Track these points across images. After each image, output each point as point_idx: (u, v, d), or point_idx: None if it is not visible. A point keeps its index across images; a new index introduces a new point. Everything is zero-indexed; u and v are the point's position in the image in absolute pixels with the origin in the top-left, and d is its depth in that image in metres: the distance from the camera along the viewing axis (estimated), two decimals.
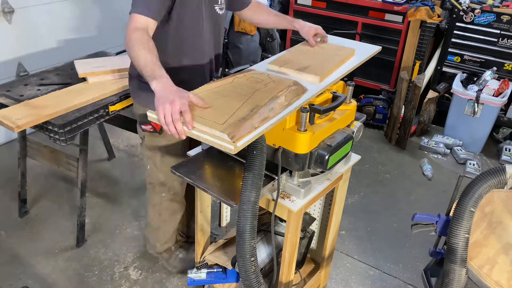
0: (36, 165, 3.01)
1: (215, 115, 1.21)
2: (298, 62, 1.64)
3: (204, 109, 1.25)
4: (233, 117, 1.20)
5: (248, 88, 1.40)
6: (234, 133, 1.14)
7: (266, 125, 1.23)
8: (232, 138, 1.13)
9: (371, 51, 1.91)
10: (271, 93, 1.36)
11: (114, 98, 2.26)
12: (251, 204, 1.33)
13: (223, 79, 1.48)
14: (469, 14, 3.56)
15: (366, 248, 2.61)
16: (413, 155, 3.62)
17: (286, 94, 1.37)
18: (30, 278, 2.28)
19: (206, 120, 1.19)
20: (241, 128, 1.16)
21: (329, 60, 1.69)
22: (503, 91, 3.46)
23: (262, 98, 1.31)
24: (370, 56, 1.90)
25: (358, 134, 1.69)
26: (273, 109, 1.29)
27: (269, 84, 1.44)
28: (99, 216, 2.73)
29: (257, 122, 1.22)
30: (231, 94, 1.35)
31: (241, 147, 1.14)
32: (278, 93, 1.36)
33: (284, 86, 1.41)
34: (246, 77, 1.49)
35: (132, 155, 3.40)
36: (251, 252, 1.39)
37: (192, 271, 1.86)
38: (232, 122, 1.17)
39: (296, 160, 1.46)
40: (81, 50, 3.39)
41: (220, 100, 1.31)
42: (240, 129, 1.15)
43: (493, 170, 1.35)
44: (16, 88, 2.28)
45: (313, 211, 2.13)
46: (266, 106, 1.28)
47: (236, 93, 1.36)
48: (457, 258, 1.36)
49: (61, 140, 2.05)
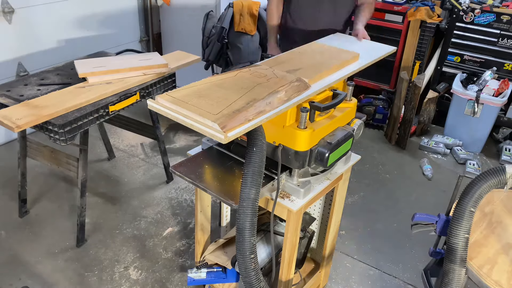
0: (36, 165, 3.01)
1: (212, 106, 1.25)
2: (292, 64, 1.63)
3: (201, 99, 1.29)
4: (228, 108, 1.23)
5: (249, 82, 1.42)
6: (225, 123, 1.17)
7: (260, 118, 1.25)
8: (223, 128, 1.16)
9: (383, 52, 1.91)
10: (272, 87, 1.37)
11: (114, 98, 2.26)
12: (251, 201, 1.32)
13: (228, 72, 1.50)
14: (469, 14, 3.56)
15: (366, 248, 2.61)
16: (413, 155, 3.62)
17: (287, 89, 1.37)
18: (30, 278, 2.28)
19: (200, 110, 1.22)
20: (234, 120, 1.19)
21: (324, 64, 1.66)
22: (503, 91, 3.46)
23: (261, 92, 1.34)
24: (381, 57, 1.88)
25: (359, 132, 1.69)
26: (270, 103, 1.30)
27: (271, 79, 1.45)
28: (99, 216, 2.74)
29: (251, 115, 1.24)
30: (232, 87, 1.38)
31: (231, 137, 1.17)
32: (278, 88, 1.37)
33: (287, 81, 1.42)
34: (250, 72, 1.51)
35: (132, 155, 3.40)
36: (250, 249, 1.38)
37: (192, 270, 1.85)
38: (226, 113, 1.20)
39: (296, 158, 1.46)
40: (81, 50, 3.40)
41: (220, 92, 1.34)
42: (232, 120, 1.18)
43: (493, 170, 1.34)
44: (16, 88, 2.28)
45: (313, 211, 2.13)
46: (264, 100, 1.29)
47: (237, 86, 1.38)
48: (456, 258, 1.36)
49: (61, 140, 2.05)
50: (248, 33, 3.30)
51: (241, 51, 3.37)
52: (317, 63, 1.67)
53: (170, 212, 2.81)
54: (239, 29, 3.30)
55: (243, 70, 1.53)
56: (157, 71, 2.48)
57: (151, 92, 2.48)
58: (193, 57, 2.75)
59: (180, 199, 2.93)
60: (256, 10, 3.22)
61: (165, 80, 2.55)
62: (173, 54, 2.78)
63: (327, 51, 1.82)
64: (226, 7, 3.40)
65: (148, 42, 4.52)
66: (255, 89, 1.36)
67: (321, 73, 1.57)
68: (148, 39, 4.49)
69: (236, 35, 3.34)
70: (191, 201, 2.91)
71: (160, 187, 3.03)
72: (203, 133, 1.19)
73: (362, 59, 1.80)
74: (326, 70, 1.60)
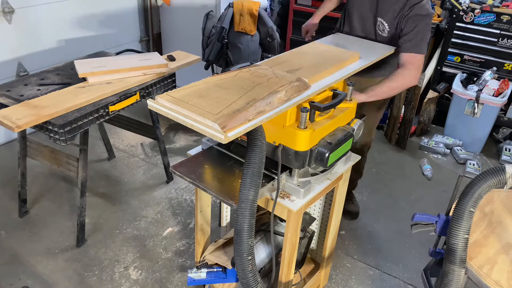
0: (36, 165, 3.01)
1: (212, 105, 1.25)
2: (292, 64, 1.64)
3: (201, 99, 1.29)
4: (228, 108, 1.24)
5: (249, 82, 1.42)
6: (226, 123, 1.17)
7: (260, 118, 1.25)
8: (223, 128, 1.16)
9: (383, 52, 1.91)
10: (272, 87, 1.37)
11: (114, 98, 2.26)
12: (250, 202, 1.32)
13: (228, 72, 1.51)
14: (469, 14, 3.56)
15: (366, 248, 2.61)
16: (413, 155, 3.61)
17: (287, 89, 1.38)
18: (30, 278, 2.28)
19: (201, 110, 1.23)
20: (234, 120, 1.19)
21: (324, 64, 1.66)
22: (503, 91, 3.46)
23: (261, 92, 1.34)
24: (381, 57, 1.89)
25: (359, 132, 1.69)
26: (270, 103, 1.31)
27: (271, 79, 1.45)
28: (99, 216, 2.74)
29: (251, 115, 1.24)
30: (231, 87, 1.38)
31: (231, 137, 1.17)
32: (278, 88, 1.37)
33: (287, 81, 1.42)
34: (250, 72, 1.52)
35: (132, 155, 3.40)
36: (248, 251, 1.38)
37: (192, 270, 1.86)
38: (226, 113, 1.21)
39: (296, 158, 1.46)
40: (81, 50, 3.40)
41: (220, 92, 1.34)
42: (232, 120, 1.19)
43: (492, 170, 1.34)
44: (16, 88, 2.28)
45: (313, 211, 2.13)
46: (264, 100, 1.30)
47: (237, 86, 1.39)
48: (456, 258, 1.36)
49: (61, 140, 2.05)
50: (248, 33, 3.30)
51: (241, 51, 3.37)
52: (317, 63, 1.67)
53: (170, 212, 2.81)
54: (239, 29, 3.30)
55: (243, 70, 1.53)
56: (157, 71, 2.48)
57: (151, 92, 2.48)
58: (193, 57, 2.76)
59: (180, 199, 2.93)
60: (256, 10, 3.22)
61: (165, 80, 2.55)
62: (173, 54, 2.78)
63: (327, 51, 1.82)
64: (226, 7, 3.40)
65: (148, 42, 4.52)
66: (255, 89, 1.37)
67: (321, 73, 1.57)
68: (148, 39, 4.49)
69: (236, 35, 3.34)
70: (191, 201, 2.91)
71: (160, 187, 3.04)
72: (203, 133, 1.19)
73: (362, 59, 1.80)
74: (326, 70, 1.60)
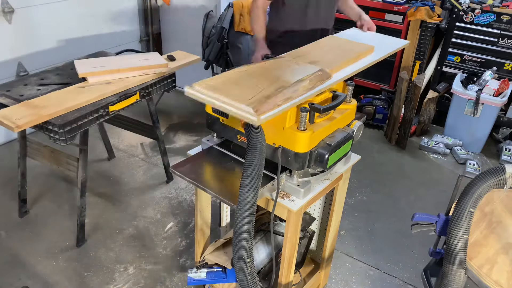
0: (36, 165, 3.01)
1: (245, 92, 1.37)
2: (313, 56, 1.72)
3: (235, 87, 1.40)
4: (259, 94, 1.35)
5: (276, 71, 1.54)
6: (258, 107, 1.27)
7: (288, 104, 1.35)
8: (256, 112, 1.25)
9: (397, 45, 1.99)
10: (297, 77, 1.47)
11: (114, 98, 2.26)
12: (249, 204, 1.32)
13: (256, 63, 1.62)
14: (469, 14, 3.56)
15: (366, 248, 2.61)
16: (413, 155, 3.62)
17: (311, 78, 1.47)
18: (30, 278, 2.28)
19: (235, 96, 1.34)
20: (265, 104, 1.29)
21: (342, 56, 1.74)
22: (503, 91, 3.46)
23: (288, 81, 1.44)
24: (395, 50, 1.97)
25: (358, 133, 1.69)
26: (296, 91, 1.41)
27: (296, 69, 1.55)
28: (99, 216, 2.74)
29: (280, 101, 1.34)
30: (261, 76, 1.50)
31: (264, 120, 1.26)
32: (304, 77, 1.46)
33: (310, 71, 1.52)
34: (276, 63, 1.62)
35: (132, 155, 3.40)
36: (247, 253, 1.38)
37: (192, 270, 1.85)
38: (258, 99, 1.32)
39: (296, 159, 1.46)
40: (81, 50, 3.40)
41: (251, 81, 1.46)
42: (264, 105, 1.29)
43: (492, 170, 1.34)
44: (16, 88, 2.28)
45: (313, 211, 2.13)
46: (290, 87, 1.40)
47: (265, 75, 1.51)
48: (456, 259, 1.36)
49: (61, 140, 2.05)
50: (248, 33, 3.30)
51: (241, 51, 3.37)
52: (336, 55, 1.76)
53: (170, 212, 2.81)
54: (239, 29, 3.30)
55: (268, 61, 1.65)
56: (157, 71, 2.48)
57: (151, 92, 2.48)
58: (193, 57, 2.75)
59: (180, 199, 2.93)
60: None
61: (165, 80, 2.55)
62: (173, 54, 2.78)
63: (343, 44, 1.92)
64: (226, 7, 3.40)
65: (148, 42, 4.52)
66: (282, 78, 1.47)
67: (340, 64, 1.67)
68: (148, 39, 4.49)
69: (236, 35, 3.34)
70: (191, 201, 2.91)
71: (160, 187, 3.04)
72: (237, 116, 1.29)
73: (376, 52, 1.87)
74: (344, 62, 1.70)
